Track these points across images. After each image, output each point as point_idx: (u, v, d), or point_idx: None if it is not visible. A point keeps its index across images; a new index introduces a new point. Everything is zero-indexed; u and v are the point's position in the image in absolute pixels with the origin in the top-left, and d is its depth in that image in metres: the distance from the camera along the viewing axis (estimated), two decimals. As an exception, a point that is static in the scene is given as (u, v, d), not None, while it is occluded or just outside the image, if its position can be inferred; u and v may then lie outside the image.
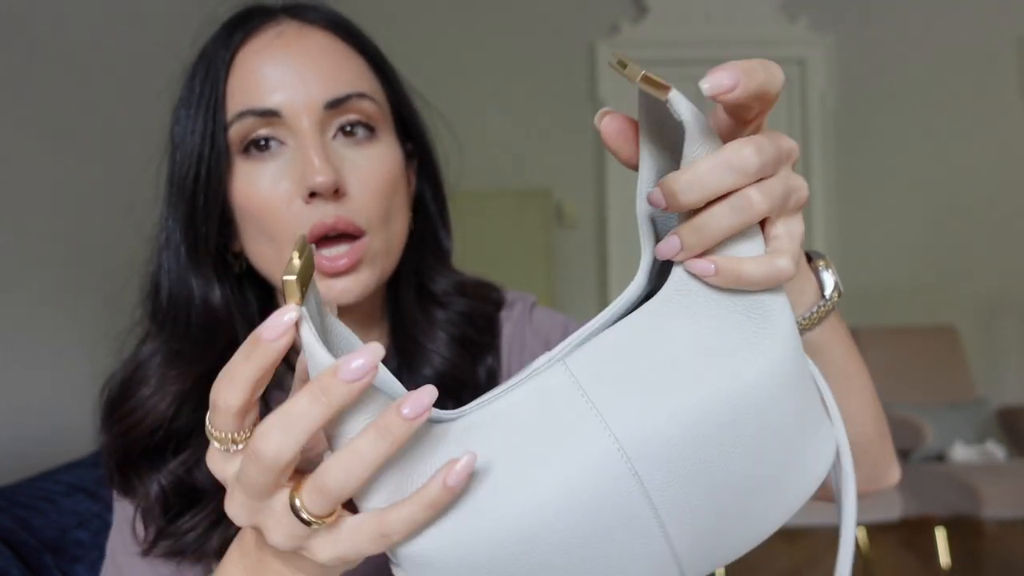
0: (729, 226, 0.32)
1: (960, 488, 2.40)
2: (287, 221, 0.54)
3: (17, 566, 0.71)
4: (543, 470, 0.31)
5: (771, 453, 0.34)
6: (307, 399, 0.29)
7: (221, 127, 0.54)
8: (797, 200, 0.34)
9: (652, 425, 0.32)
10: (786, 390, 0.33)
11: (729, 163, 0.31)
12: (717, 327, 0.34)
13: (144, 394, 0.56)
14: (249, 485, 0.31)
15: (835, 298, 0.45)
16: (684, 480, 0.32)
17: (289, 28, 0.56)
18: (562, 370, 0.34)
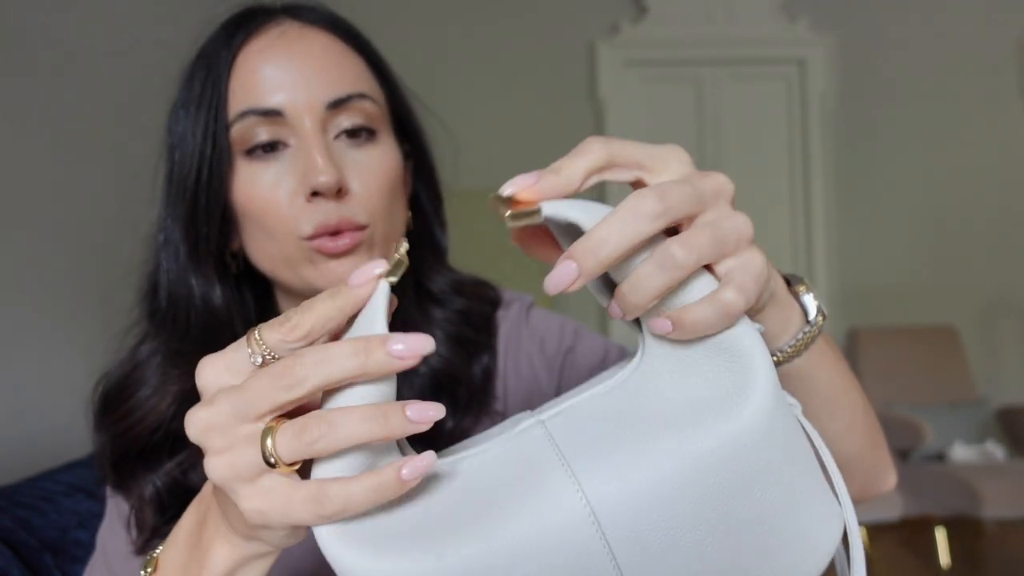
0: (660, 285, 0.32)
1: (960, 488, 2.40)
2: (289, 219, 0.54)
3: (17, 566, 0.71)
4: (510, 520, 0.30)
5: (760, 520, 0.32)
6: (349, 349, 0.30)
7: (223, 127, 0.54)
8: (739, 239, 0.33)
9: (623, 487, 0.31)
10: (770, 450, 0.32)
11: (623, 217, 0.31)
12: (695, 382, 0.33)
13: (144, 394, 0.56)
14: (249, 398, 0.31)
15: (820, 322, 0.44)
16: (651, 544, 0.31)
17: (291, 28, 0.56)
18: (540, 429, 0.34)
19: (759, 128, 3.45)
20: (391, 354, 0.30)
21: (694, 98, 3.45)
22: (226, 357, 0.33)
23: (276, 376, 0.31)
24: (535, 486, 0.31)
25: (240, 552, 0.37)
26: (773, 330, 0.42)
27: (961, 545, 2.69)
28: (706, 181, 0.33)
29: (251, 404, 0.31)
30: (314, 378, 0.30)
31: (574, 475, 0.31)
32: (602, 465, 0.31)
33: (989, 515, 2.31)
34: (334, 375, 0.30)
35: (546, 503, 0.31)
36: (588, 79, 3.37)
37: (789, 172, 3.46)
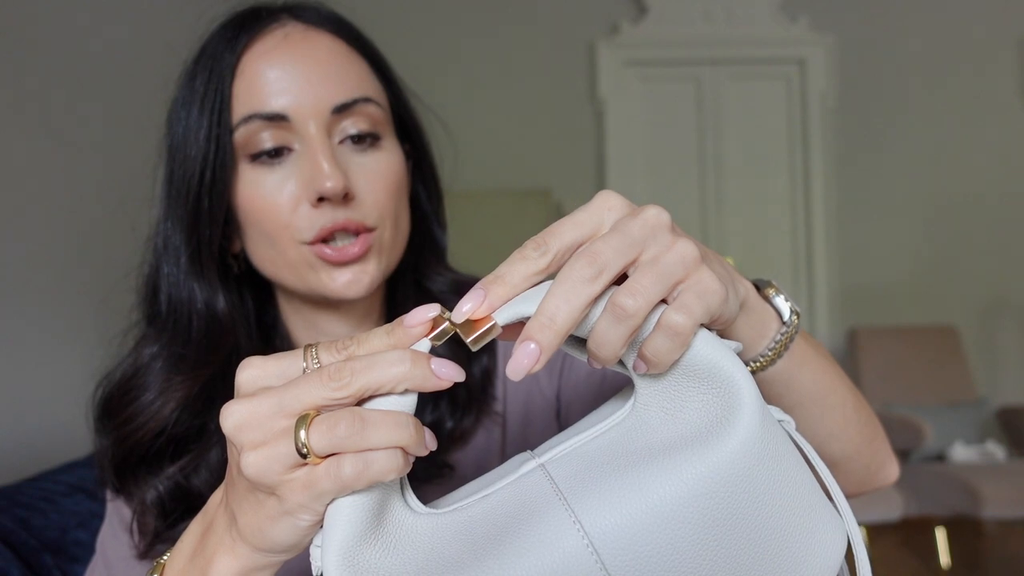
0: (620, 336, 0.32)
1: (960, 488, 2.40)
2: (292, 225, 0.54)
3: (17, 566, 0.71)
4: (511, 560, 0.31)
5: (756, 543, 0.32)
6: (397, 356, 0.32)
7: (227, 130, 0.54)
8: (685, 266, 0.33)
9: (620, 518, 0.31)
10: (762, 470, 0.32)
11: (564, 289, 0.32)
12: (685, 413, 0.34)
13: (147, 399, 0.55)
14: (294, 394, 0.32)
15: (795, 321, 0.44)
16: (652, 572, 0.31)
17: (294, 31, 0.56)
18: (540, 472, 0.35)
19: (759, 128, 3.45)
20: (434, 372, 0.32)
21: (694, 98, 3.45)
22: (280, 363, 0.34)
23: (323, 375, 0.32)
24: (536, 526, 0.32)
25: (243, 563, 0.36)
26: (750, 337, 0.43)
27: (961, 545, 2.69)
28: (636, 222, 0.33)
29: (295, 400, 0.32)
30: (360, 380, 0.31)
31: (572, 511, 0.32)
32: (599, 499, 0.32)
33: (989, 515, 2.31)
34: (379, 380, 0.32)
35: (546, 540, 0.31)
36: (588, 79, 3.37)
37: (789, 172, 3.46)
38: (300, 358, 0.34)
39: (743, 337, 0.43)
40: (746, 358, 0.44)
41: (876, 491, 0.59)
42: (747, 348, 0.44)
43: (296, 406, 0.32)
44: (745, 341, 0.43)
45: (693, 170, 3.45)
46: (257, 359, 0.34)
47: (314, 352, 0.34)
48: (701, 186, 3.44)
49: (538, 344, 0.31)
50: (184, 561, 0.40)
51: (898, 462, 0.59)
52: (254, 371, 0.34)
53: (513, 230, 3.11)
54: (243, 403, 0.32)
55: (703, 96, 3.44)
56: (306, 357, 0.34)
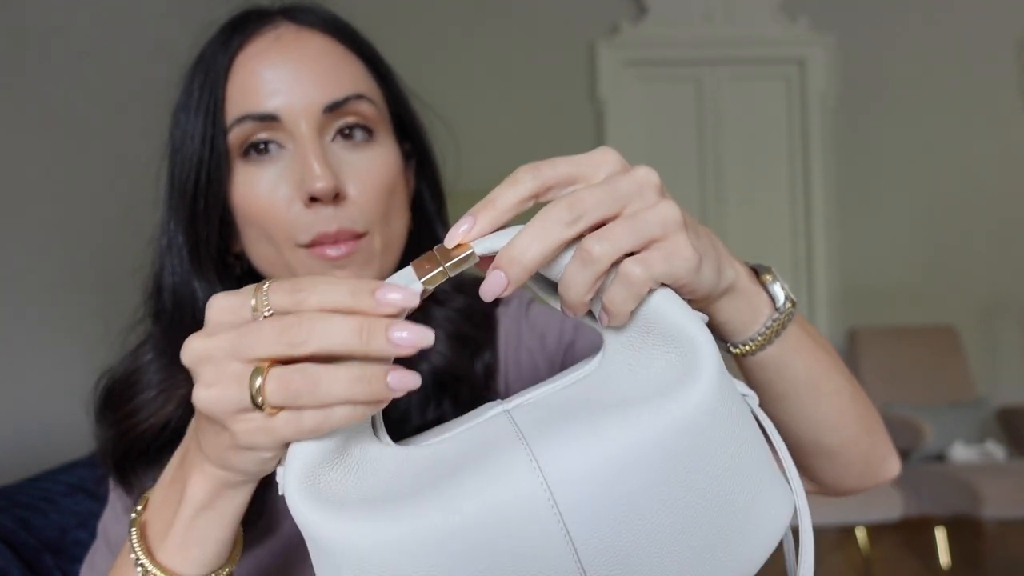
0: (586, 280, 0.34)
1: (960, 488, 2.40)
2: (286, 224, 0.54)
3: (17, 566, 0.71)
4: (467, 492, 0.32)
5: (705, 501, 0.34)
6: (354, 325, 0.31)
7: (221, 131, 0.54)
8: (664, 226, 0.34)
9: (576, 461, 0.32)
10: (716, 429, 0.34)
11: (537, 227, 0.33)
12: (649, 371, 0.35)
13: (148, 396, 0.56)
14: (248, 341, 0.32)
15: (788, 309, 0.44)
16: (604, 517, 0.32)
17: (287, 32, 0.56)
18: (505, 416, 0.36)
19: (759, 128, 3.45)
20: (391, 340, 0.32)
21: (694, 98, 3.45)
22: (232, 299, 0.34)
23: (279, 330, 0.32)
24: (494, 462, 0.33)
25: (214, 481, 0.38)
26: (739, 319, 0.44)
27: (961, 545, 2.69)
28: (625, 178, 0.35)
29: (249, 347, 0.32)
30: (314, 343, 0.31)
31: (531, 451, 0.33)
32: (558, 443, 0.33)
33: (989, 515, 2.31)
34: (333, 347, 0.31)
35: (503, 476, 0.32)
36: (588, 79, 3.37)
37: (789, 172, 3.46)
38: (250, 295, 0.33)
39: (730, 318, 0.44)
40: (735, 340, 0.45)
41: (878, 485, 0.59)
42: (736, 330, 0.45)
43: (249, 354, 0.32)
44: (733, 323, 0.44)
45: (693, 170, 3.45)
46: (221, 295, 0.34)
47: (264, 291, 0.33)
48: (701, 186, 3.44)
49: (506, 275, 0.33)
50: (164, 487, 0.42)
51: (899, 458, 0.59)
52: (215, 307, 0.34)
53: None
54: (202, 340, 0.33)
55: (703, 96, 3.44)
56: (256, 295, 0.33)
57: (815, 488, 0.59)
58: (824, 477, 0.56)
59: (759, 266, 0.46)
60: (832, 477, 0.56)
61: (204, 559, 0.40)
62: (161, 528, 0.41)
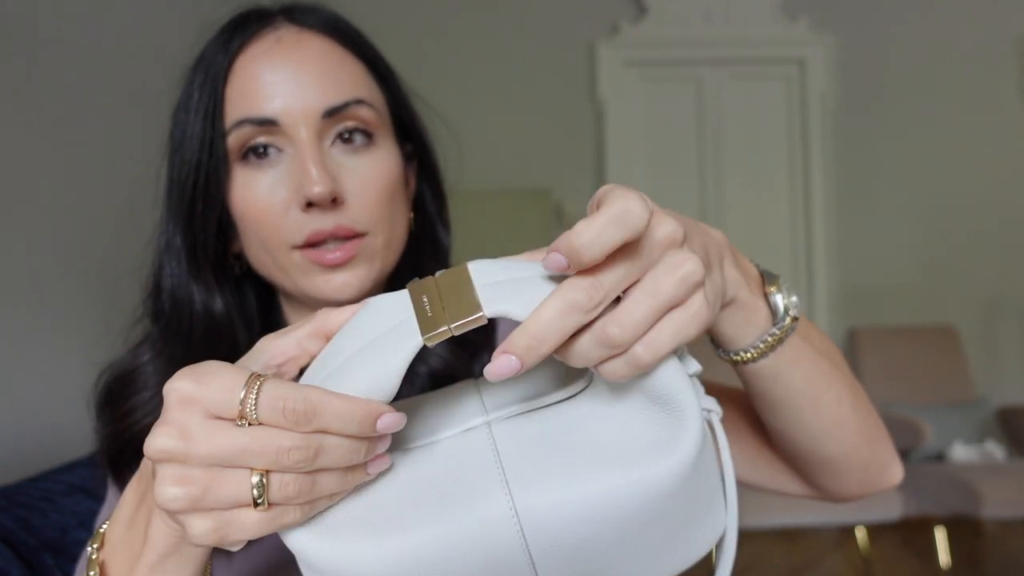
0: (597, 356, 0.32)
1: (960, 488, 2.40)
2: (283, 229, 0.54)
3: (17, 566, 0.71)
4: (444, 518, 0.33)
5: (663, 546, 0.35)
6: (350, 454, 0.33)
7: (220, 134, 0.54)
8: (685, 292, 0.32)
9: (552, 503, 0.33)
10: (689, 485, 0.35)
11: (557, 315, 0.31)
12: (634, 427, 0.36)
13: (144, 396, 0.56)
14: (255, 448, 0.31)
15: (788, 324, 0.43)
16: (570, 555, 0.34)
17: (287, 34, 0.56)
18: (486, 432, 0.37)
19: (759, 128, 3.45)
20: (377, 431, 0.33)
21: (694, 98, 3.45)
22: (212, 395, 0.31)
23: (284, 452, 0.31)
24: (471, 488, 0.34)
25: (179, 532, 0.36)
26: (736, 332, 0.43)
27: (961, 545, 2.69)
28: (653, 239, 0.32)
29: (245, 458, 0.31)
30: (319, 463, 0.32)
31: (507, 484, 0.34)
32: (535, 480, 0.34)
33: (989, 515, 2.31)
34: (335, 465, 0.32)
35: (478, 506, 0.33)
36: (588, 79, 3.37)
37: (789, 172, 3.46)
38: (237, 393, 0.31)
39: (726, 330, 0.43)
40: (730, 348, 0.45)
41: (880, 492, 0.59)
42: (732, 340, 0.44)
43: (239, 464, 0.31)
44: (729, 334, 0.43)
45: (693, 170, 3.45)
46: (186, 379, 0.31)
47: (254, 396, 0.31)
48: (701, 186, 3.44)
49: (520, 360, 0.32)
50: (124, 527, 0.40)
51: (900, 461, 0.59)
52: (184, 391, 0.31)
53: (513, 230, 3.11)
54: (174, 439, 0.31)
55: (703, 96, 3.44)
56: (246, 393, 0.31)
57: (815, 493, 0.59)
58: (824, 483, 0.56)
59: (768, 274, 0.45)
60: (832, 484, 0.56)
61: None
62: (122, 571, 0.39)
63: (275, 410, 0.31)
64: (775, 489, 0.61)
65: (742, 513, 2.30)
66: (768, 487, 0.61)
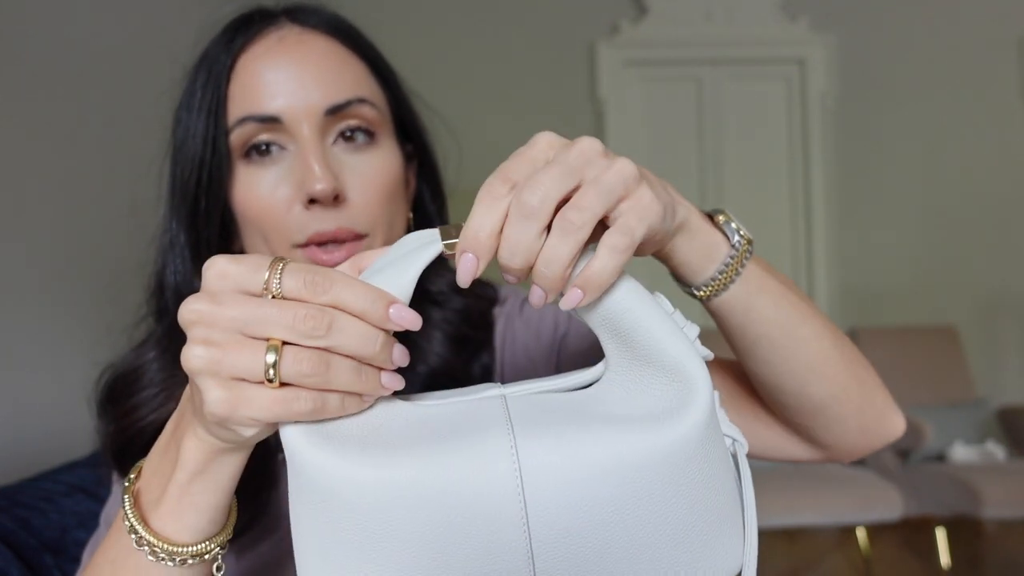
0: (567, 251, 0.34)
1: (960, 488, 2.40)
2: (286, 226, 0.54)
3: (17, 566, 0.71)
4: (447, 458, 0.33)
5: (663, 531, 0.34)
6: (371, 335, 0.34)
7: (222, 132, 0.54)
8: (625, 183, 0.35)
9: (554, 460, 0.33)
10: (696, 464, 0.35)
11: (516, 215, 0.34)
12: (644, 397, 0.37)
13: (149, 393, 0.57)
14: (267, 318, 0.33)
15: (744, 246, 0.45)
16: (565, 521, 0.33)
17: (290, 33, 0.56)
18: (500, 400, 0.37)
19: (759, 128, 3.45)
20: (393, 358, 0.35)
21: (694, 98, 3.45)
22: (239, 267, 0.34)
23: (299, 317, 0.32)
24: (478, 438, 0.34)
25: (207, 445, 0.38)
26: (696, 260, 0.44)
27: (961, 545, 2.69)
28: (572, 152, 0.35)
29: (262, 324, 0.33)
30: (330, 340, 0.33)
31: (514, 438, 0.34)
32: (542, 437, 0.34)
33: (989, 515, 2.31)
34: (345, 348, 0.33)
35: (481, 453, 0.33)
36: (588, 79, 3.37)
37: (789, 172, 3.46)
38: (264, 270, 0.34)
39: (686, 259, 0.44)
40: (696, 282, 0.46)
41: (885, 444, 0.58)
42: (694, 272, 0.45)
43: (261, 331, 0.33)
44: (691, 264, 0.44)
45: (693, 170, 3.45)
46: (223, 258, 0.35)
47: (279, 272, 0.34)
48: (701, 186, 3.44)
49: (513, 276, 0.35)
50: (158, 455, 0.42)
51: (898, 463, 0.58)
52: (220, 268, 0.34)
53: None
54: (206, 304, 0.33)
55: (703, 96, 3.44)
56: (271, 272, 0.34)
57: (817, 453, 0.59)
58: (823, 436, 0.55)
59: (713, 210, 0.47)
60: (830, 435, 0.55)
61: (198, 525, 0.40)
62: (155, 495, 0.41)
63: (296, 282, 0.33)
64: (777, 455, 0.61)
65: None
66: (770, 454, 0.61)
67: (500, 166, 0.36)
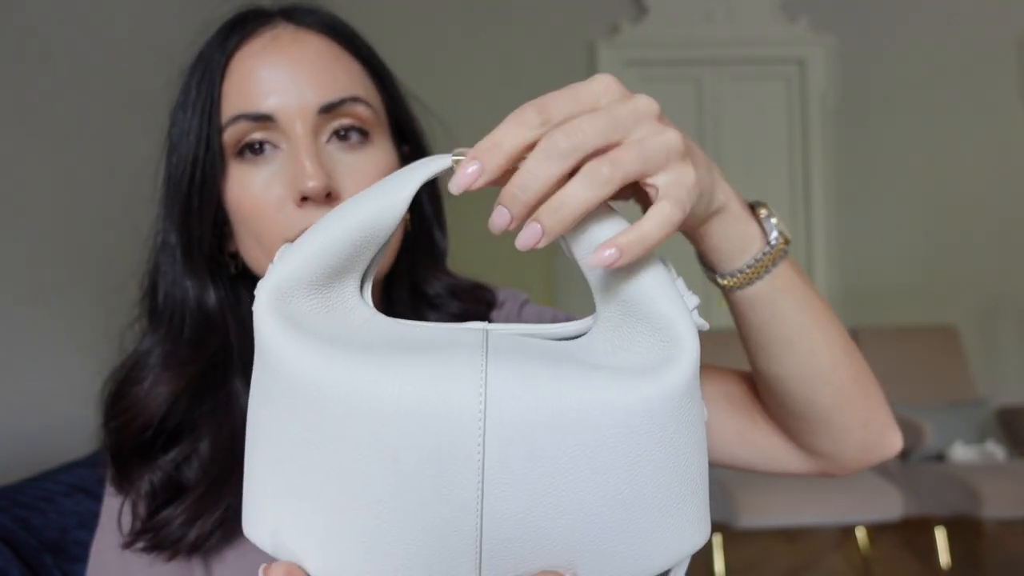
0: (585, 199, 0.32)
1: (960, 488, 2.40)
2: (278, 225, 0.54)
3: (17, 566, 0.71)
4: (411, 374, 0.31)
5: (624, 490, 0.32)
6: None
7: (216, 130, 0.54)
8: (668, 154, 0.34)
9: (522, 401, 0.31)
10: (670, 424, 0.33)
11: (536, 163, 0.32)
12: (629, 353, 0.35)
13: (138, 394, 0.56)
14: None
15: (780, 245, 0.44)
16: (520, 464, 0.31)
17: (284, 32, 0.56)
18: (482, 333, 0.35)
19: (759, 128, 3.45)
20: None
21: (694, 98, 3.45)
22: None
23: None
24: (448, 356, 0.32)
25: None
26: (729, 247, 0.43)
27: (961, 545, 2.69)
28: (625, 106, 0.34)
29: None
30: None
31: (486, 364, 0.32)
32: (513, 370, 0.32)
33: (989, 515, 2.31)
34: None
35: (449, 370, 0.31)
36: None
37: (789, 172, 3.46)
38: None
39: (718, 245, 0.43)
40: (723, 270, 0.45)
41: (881, 459, 0.57)
42: (724, 259, 0.44)
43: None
44: (722, 251, 0.44)
45: (693, 170, 3.45)
46: None
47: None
48: (701, 186, 3.44)
49: (510, 212, 0.33)
50: None
51: (898, 463, 0.58)
52: None
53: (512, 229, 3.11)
54: None
55: (703, 96, 3.44)
56: None
57: (814, 465, 0.58)
58: (823, 446, 0.55)
59: (756, 202, 0.46)
60: (831, 445, 0.55)
61: None
62: None
63: None
64: (772, 466, 0.60)
65: (742, 512, 2.29)
66: (765, 465, 0.60)
67: (544, 95, 0.34)
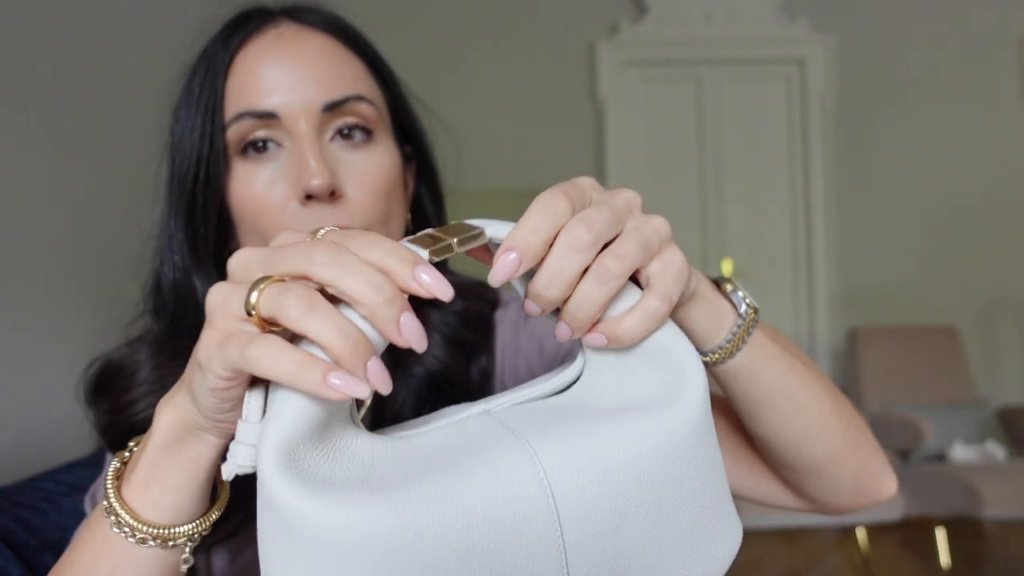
0: (602, 297, 0.35)
1: (960, 488, 2.40)
2: (282, 223, 0.54)
3: (17, 566, 0.71)
4: (465, 483, 0.30)
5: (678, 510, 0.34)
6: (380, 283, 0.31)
7: (219, 128, 0.54)
8: (660, 240, 0.37)
9: (579, 464, 0.32)
10: (704, 444, 0.35)
11: (567, 247, 0.34)
12: (635, 389, 0.37)
13: (142, 390, 0.56)
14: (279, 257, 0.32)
15: (750, 315, 0.45)
16: (596, 518, 0.32)
17: (288, 30, 0.56)
18: (486, 416, 0.35)
19: (759, 128, 3.45)
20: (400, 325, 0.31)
21: (694, 98, 3.45)
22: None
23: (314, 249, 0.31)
24: (490, 455, 0.32)
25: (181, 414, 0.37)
26: (706, 327, 0.45)
27: (961, 545, 2.68)
28: (619, 199, 0.37)
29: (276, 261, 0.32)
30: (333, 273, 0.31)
31: (530, 446, 0.32)
32: (555, 441, 0.32)
33: (989, 515, 2.31)
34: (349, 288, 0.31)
35: (500, 468, 0.31)
36: (588, 79, 3.37)
37: (789, 172, 3.46)
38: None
39: (697, 327, 0.45)
40: (704, 349, 0.46)
41: (874, 503, 0.59)
42: (704, 339, 0.45)
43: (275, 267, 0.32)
44: (700, 332, 0.45)
45: (693, 170, 3.45)
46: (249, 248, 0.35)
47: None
48: (701, 186, 3.44)
49: (539, 306, 0.35)
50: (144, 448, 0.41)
51: (898, 463, 0.59)
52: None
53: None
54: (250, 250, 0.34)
55: (703, 96, 3.44)
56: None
57: (808, 506, 0.59)
58: (815, 493, 0.56)
59: (719, 278, 0.47)
60: (822, 493, 0.56)
61: (163, 503, 0.39)
62: (132, 466, 0.41)
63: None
64: (767, 501, 0.62)
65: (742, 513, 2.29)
66: (760, 499, 0.62)
67: (557, 185, 0.36)
